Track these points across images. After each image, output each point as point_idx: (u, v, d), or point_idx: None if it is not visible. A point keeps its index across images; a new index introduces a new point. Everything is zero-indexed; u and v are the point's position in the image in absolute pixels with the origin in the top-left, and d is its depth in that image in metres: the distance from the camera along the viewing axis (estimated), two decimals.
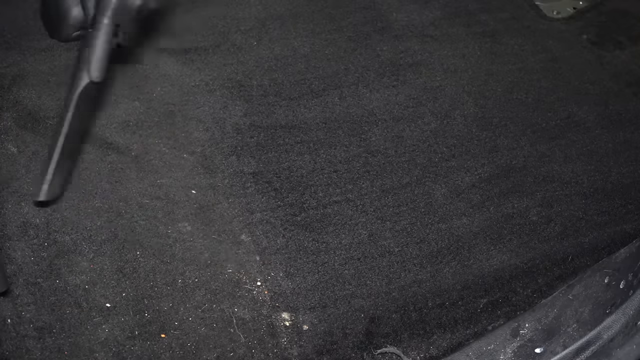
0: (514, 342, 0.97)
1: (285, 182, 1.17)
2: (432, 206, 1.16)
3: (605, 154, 1.29)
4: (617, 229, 1.15)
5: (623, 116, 1.38)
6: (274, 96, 1.34)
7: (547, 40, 1.56)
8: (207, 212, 1.11)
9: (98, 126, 1.21)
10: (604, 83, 1.46)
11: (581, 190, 1.22)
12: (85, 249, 1.02)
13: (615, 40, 1.59)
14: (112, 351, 0.92)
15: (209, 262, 1.04)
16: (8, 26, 1.39)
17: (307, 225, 1.11)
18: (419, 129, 1.31)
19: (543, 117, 1.36)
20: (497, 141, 1.30)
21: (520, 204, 1.18)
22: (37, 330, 0.92)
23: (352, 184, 1.19)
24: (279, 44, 1.46)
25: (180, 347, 0.93)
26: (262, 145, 1.23)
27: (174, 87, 1.31)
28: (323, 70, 1.41)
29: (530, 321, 1.00)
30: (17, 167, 1.12)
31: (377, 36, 1.52)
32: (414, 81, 1.42)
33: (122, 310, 0.96)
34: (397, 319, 1.00)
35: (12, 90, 1.25)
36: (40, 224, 1.05)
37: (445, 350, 0.97)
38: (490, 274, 1.07)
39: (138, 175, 1.14)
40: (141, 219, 1.08)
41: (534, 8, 1.68)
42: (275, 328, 0.97)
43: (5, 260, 0.99)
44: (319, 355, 0.94)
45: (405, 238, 1.11)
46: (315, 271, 1.04)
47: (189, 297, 0.99)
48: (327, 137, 1.27)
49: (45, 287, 0.97)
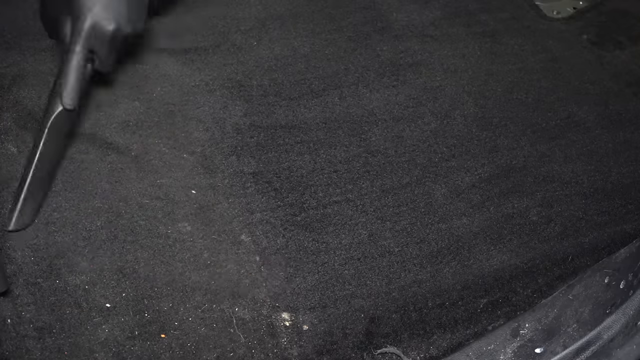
0: (514, 342, 0.97)
1: (285, 182, 1.17)
2: (432, 206, 1.16)
3: (605, 154, 1.29)
4: (617, 229, 1.15)
5: (623, 116, 1.38)
6: (274, 96, 1.34)
7: (547, 40, 1.56)
8: (207, 212, 1.11)
9: (98, 126, 1.21)
10: (604, 83, 1.46)
11: (581, 190, 1.22)
12: (85, 249, 1.02)
13: (615, 40, 1.59)
14: (112, 351, 0.92)
15: (209, 262, 1.04)
16: (8, 26, 1.39)
17: (307, 225, 1.11)
18: (419, 129, 1.31)
19: (543, 117, 1.36)
20: (497, 141, 1.30)
21: (520, 204, 1.18)
22: (37, 330, 0.92)
23: (352, 184, 1.19)
24: (279, 44, 1.46)
25: (180, 347, 0.93)
26: (262, 145, 1.23)
27: (174, 87, 1.31)
28: (323, 70, 1.42)
29: (530, 321, 1.00)
30: (17, 167, 1.12)
31: (377, 36, 1.52)
32: (414, 81, 1.42)
33: (122, 310, 0.96)
34: (397, 319, 1.00)
35: (12, 90, 1.25)
36: (40, 224, 1.05)
37: (445, 350, 0.97)
38: (490, 274, 1.07)
39: (138, 175, 1.14)
40: (141, 219, 1.08)
41: (534, 8, 1.68)
42: (275, 328, 0.97)
43: (5, 260, 0.99)
44: (319, 355, 0.94)
45: (405, 238, 1.11)
46: (315, 271, 1.04)
47: (189, 297, 0.99)
48: (327, 137, 1.27)
49: (45, 287, 0.97)
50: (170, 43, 1.39)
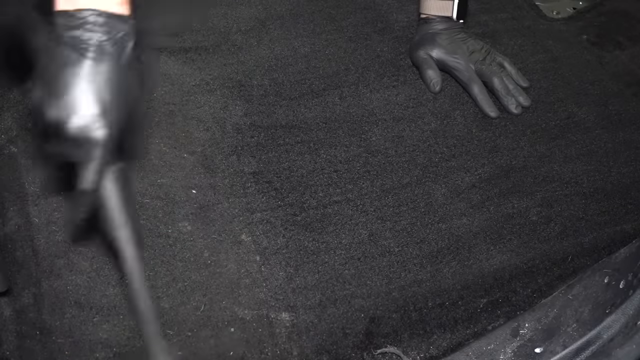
0: (513, 342, 0.97)
1: (285, 182, 1.17)
2: (432, 206, 1.16)
3: (605, 154, 1.29)
4: (617, 229, 1.15)
5: (623, 116, 1.38)
6: (274, 96, 1.34)
7: (547, 41, 1.56)
8: (207, 212, 1.11)
9: None
10: (604, 83, 1.46)
11: (581, 190, 1.22)
12: (86, 249, 1.02)
13: (615, 41, 1.59)
14: (112, 351, 0.92)
15: (209, 261, 1.04)
16: None
17: (307, 225, 1.11)
18: (419, 129, 1.31)
19: (543, 117, 1.36)
20: (497, 141, 1.30)
21: (520, 204, 1.18)
22: (37, 330, 0.92)
23: (353, 184, 1.19)
24: (279, 44, 1.46)
25: (181, 347, 0.93)
26: (263, 145, 1.24)
27: (174, 86, 1.31)
28: (323, 70, 1.42)
29: (530, 321, 1.00)
30: (17, 167, 1.12)
31: (377, 37, 1.52)
32: (414, 81, 1.42)
33: (122, 310, 0.96)
34: (397, 319, 1.00)
35: (12, 90, 1.25)
36: (40, 224, 1.05)
37: (445, 350, 0.97)
38: (490, 274, 1.07)
39: (138, 175, 1.14)
40: (141, 219, 1.08)
41: (534, 8, 1.68)
42: (275, 328, 0.97)
43: (5, 260, 0.99)
44: (319, 355, 0.94)
45: (405, 238, 1.11)
46: (316, 271, 1.04)
47: (189, 297, 0.99)
48: (328, 137, 1.27)
49: (46, 287, 0.97)
50: (170, 42, 1.39)
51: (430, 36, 1.40)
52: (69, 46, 0.69)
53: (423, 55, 1.40)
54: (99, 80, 0.70)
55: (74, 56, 0.69)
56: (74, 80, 0.69)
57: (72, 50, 0.69)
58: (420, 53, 1.41)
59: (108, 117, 0.71)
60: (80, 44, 0.69)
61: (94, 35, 0.69)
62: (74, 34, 0.69)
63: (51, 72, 0.70)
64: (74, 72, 0.69)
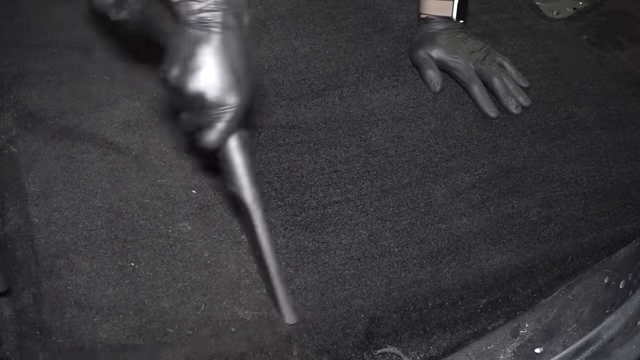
0: (513, 342, 0.97)
1: (285, 182, 1.17)
2: (432, 206, 1.16)
3: (605, 154, 1.29)
4: (617, 229, 1.15)
5: (623, 116, 1.38)
6: (274, 96, 1.34)
7: (547, 41, 1.57)
8: (208, 212, 1.11)
9: (99, 126, 1.22)
10: (604, 83, 1.46)
11: (581, 190, 1.22)
12: (85, 249, 1.02)
13: (615, 41, 1.59)
14: (112, 351, 0.92)
15: (209, 262, 1.04)
16: (7, 23, 1.39)
17: (307, 225, 1.11)
18: (419, 129, 1.31)
19: (543, 117, 1.36)
20: (497, 141, 1.30)
21: (520, 204, 1.18)
22: (37, 330, 0.92)
23: (352, 184, 1.19)
24: (279, 44, 1.46)
25: (181, 347, 0.93)
26: (263, 145, 1.24)
27: None
28: (323, 70, 1.42)
29: (530, 321, 1.00)
30: (17, 167, 1.12)
31: (377, 37, 1.52)
32: (414, 81, 1.42)
33: (122, 310, 0.96)
34: (397, 319, 1.00)
35: (12, 89, 1.25)
36: (40, 224, 1.05)
37: (445, 350, 0.97)
38: (490, 274, 1.07)
39: (138, 175, 1.14)
40: (141, 219, 1.08)
41: (534, 8, 1.68)
42: (275, 328, 0.97)
43: (5, 260, 0.99)
44: (319, 355, 0.94)
45: (405, 238, 1.11)
46: (315, 271, 1.04)
47: (189, 297, 0.99)
48: (328, 137, 1.27)
49: (46, 287, 0.97)
50: None
51: (430, 36, 1.40)
52: (197, 26, 0.77)
53: (423, 55, 1.40)
54: (229, 52, 0.78)
55: (203, 34, 0.77)
56: (208, 54, 0.78)
57: (200, 29, 0.77)
58: (420, 53, 1.41)
59: (241, 84, 0.80)
60: (206, 22, 0.77)
61: (216, 14, 0.76)
62: (199, 15, 0.76)
63: (186, 51, 0.78)
64: (206, 48, 0.77)
